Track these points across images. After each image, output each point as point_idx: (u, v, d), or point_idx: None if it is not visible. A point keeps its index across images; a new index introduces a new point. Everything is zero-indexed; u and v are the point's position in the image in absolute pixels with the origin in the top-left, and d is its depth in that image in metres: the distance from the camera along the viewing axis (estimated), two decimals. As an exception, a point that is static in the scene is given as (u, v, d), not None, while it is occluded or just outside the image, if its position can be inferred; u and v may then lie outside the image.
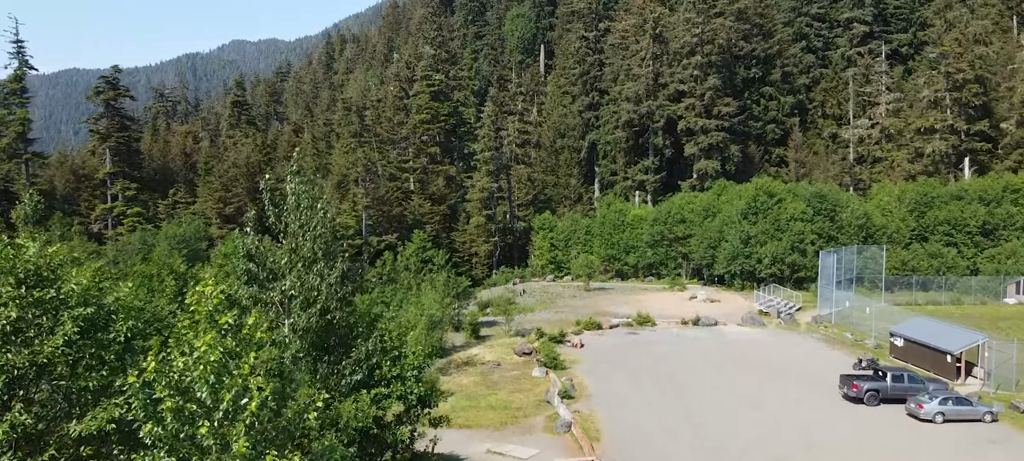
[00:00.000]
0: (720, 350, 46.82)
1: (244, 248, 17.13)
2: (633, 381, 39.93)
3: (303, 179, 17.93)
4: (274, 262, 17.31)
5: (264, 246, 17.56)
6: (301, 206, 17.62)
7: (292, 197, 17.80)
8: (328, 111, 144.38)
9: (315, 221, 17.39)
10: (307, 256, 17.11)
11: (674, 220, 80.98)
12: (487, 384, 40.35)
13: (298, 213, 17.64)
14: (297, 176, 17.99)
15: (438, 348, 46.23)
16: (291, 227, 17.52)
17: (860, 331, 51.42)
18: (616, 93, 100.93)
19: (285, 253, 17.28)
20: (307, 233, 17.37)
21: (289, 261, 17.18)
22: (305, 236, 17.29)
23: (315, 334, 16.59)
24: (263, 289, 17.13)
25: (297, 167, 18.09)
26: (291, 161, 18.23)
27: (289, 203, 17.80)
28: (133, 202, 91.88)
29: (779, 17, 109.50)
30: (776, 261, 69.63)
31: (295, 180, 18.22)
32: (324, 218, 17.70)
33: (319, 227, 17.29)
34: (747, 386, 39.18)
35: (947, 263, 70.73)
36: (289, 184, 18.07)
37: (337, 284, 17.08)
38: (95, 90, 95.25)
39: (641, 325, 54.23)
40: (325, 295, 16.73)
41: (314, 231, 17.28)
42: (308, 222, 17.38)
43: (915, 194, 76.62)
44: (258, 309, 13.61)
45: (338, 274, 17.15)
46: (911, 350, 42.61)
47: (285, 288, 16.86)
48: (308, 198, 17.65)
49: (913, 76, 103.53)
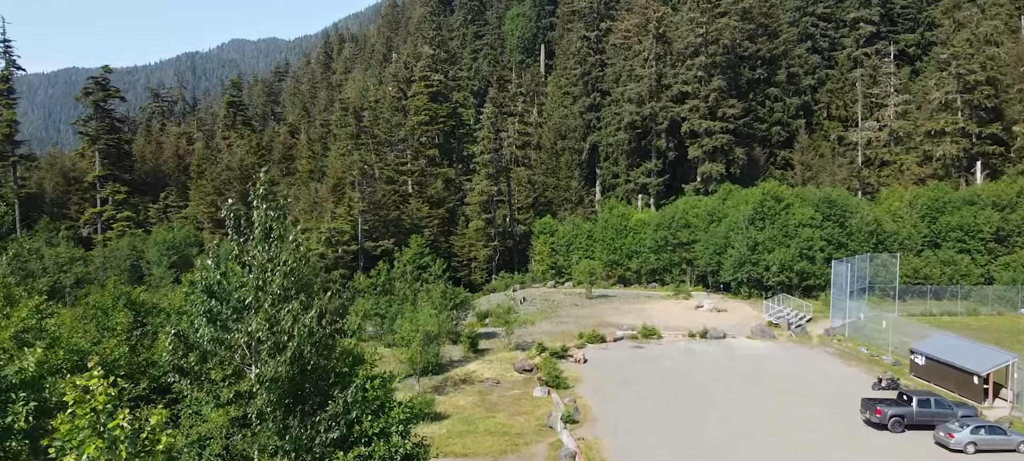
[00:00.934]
0: (731, 366, 44.59)
1: (204, 282, 14.89)
2: (640, 402, 37.73)
3: (272, 204, 15.66)
4: (240, 299, 15.06)
5: (229, 279, 15.24)
6: (270, 236, 15.42)
7: (259, 226, 15.59)
8: (326, 112, 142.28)
9: (286, 253, 15.10)
10: (277, 293, 14.89)
11: (678, 225, 78.81)
12: (486, 405, 38.15)
13: (267, 244, 15.48)
14: (265, 200, 15.73)
15: (434, 363, 44.05)
16: (259, 260, 15.27)
17: (875, 345, 49.22)
18: (618, 94, 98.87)
19: (251, 290, 14.98)
20: (277, 267, 15.30)
21: (256, 299, 14.94)
22: (275, 270, 15.11)
23: (286, 383, 14.37)
24: (226, 330, 14.89)
25: (264, 189, 15.81)
26: (257, 183, 15.91)
27: (256, 233, 15.58)
28: (123, 206, 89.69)
29: (784, 17, 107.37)
30: (784, 269, 67.47)
31: (263, 205, 16.00)
32: (297, 249, 15.36)
33: (292, 260, 15.01)
34: (761, 408, 36.97)
35: (960, 271, 68.56)
36: (256, 210, 15.83)
37: (313, 325, 14.82)
38: (84, 91, 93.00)
39: (647, 338, 52.03)
40: (298, 339, 14.49)
41: (286, 265, 15.05)
42: (278, 254, 15.13)
43: (927, 199, 74.42)
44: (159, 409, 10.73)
45: (314, 314, 14.88)
46: (933, 369, 40.43)
47: (252, 330, 14.60)
48: (279, 226, 15.37)
49: (921, 77, 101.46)
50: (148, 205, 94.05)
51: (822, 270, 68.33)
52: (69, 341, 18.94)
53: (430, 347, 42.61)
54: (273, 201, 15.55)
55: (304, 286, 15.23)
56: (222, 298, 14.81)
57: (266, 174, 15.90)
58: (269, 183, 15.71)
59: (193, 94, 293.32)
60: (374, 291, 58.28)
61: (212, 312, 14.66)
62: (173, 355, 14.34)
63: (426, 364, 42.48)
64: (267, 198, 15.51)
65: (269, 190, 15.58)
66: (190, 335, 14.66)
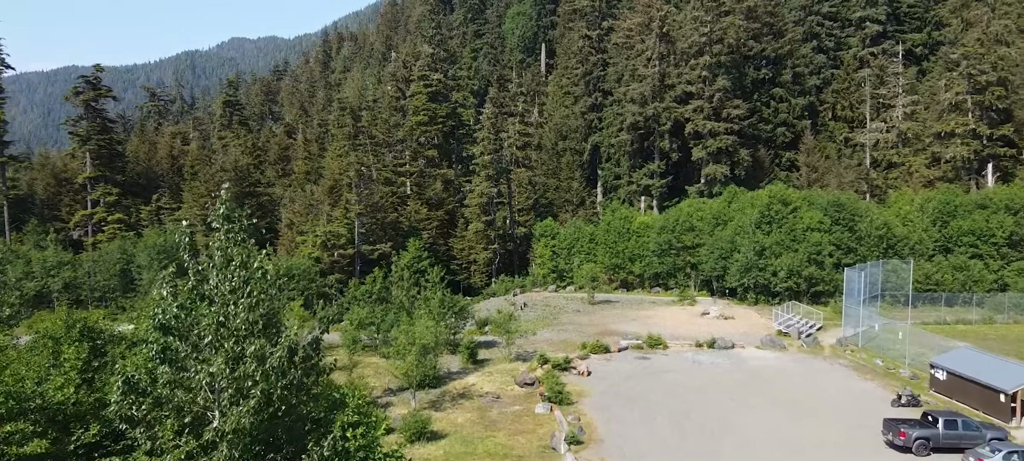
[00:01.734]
0: (742, 380, 42.65)
1: (159, 315, 12.81)
2: (648, 421, 35.78)
3: (235, 226, 13.61)
4: (199, 334, 12.99)
5: (187, 312, 13.12)
6: (232, 263, 13.46)
7: (220, 252, 13.58)
8: (324, 111, 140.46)
9: (252, 283, 13.05)
10: (241, 331, 12.87)
11: (682, 228, 76.89)
12: (485, 422, 36.22)
13: (228, 273, 13.69)
14: (227, 222, 13.72)
15: (432, 376, 42.14)
16: (219, 291, 13.26)
17: (891, 357, 47.30)
18: (620, 94, 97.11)
19: (211, 328, 12.92)
20: (241, 300, 13.19)
21: (215, 338, 12.96)
22: (238, 304, 13.16)
23: (252, 435, 12.34)
24: (183, 371, 12.87)
25: (225, 209, 13.80)
26: (217, 203, 13.83)
27: (216, 260, 13.56)
28: (115, 208, 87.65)
29: (789, 16, 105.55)
30: (792, 274, 65.57)
31: (224, 227, 13.75)
32: (264, 279, 13.27)
33: (258, 290, 12.96)
34: (777, 428, 34.98)
35: (973, 277, 66.66)
36: (217, 233, 13.77)
37: (284, 364, 12.80)
38: (74, 91, 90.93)
39: (652, 348, 50.11)
40: (264, 384, 12.47)
41: (250, 296, 13.08)
42: (242, 286, 13.12)
43: (938, 203, 72.50)
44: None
45: (284, 351, 12.84)
46: (956, 385, 38.52)
47: (213, 372, 12.56)
48: (242, 252, 13.31)
49: (928, 77, 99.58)
50: (140, 207, 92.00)
51: (831, 276, 66.52)
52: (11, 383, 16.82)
53: (427, 359, 40.72)
54: (236, 222, 13.53)
55: (272, 319, 13.22)
56: (181, 334, 12.86)
57: (227, 191, 13.85)
58: (231, 201, 13.68)
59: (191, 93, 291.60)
60: (369, 298, 56.35)
61: (167, 352, 12.69)
62: (120, 406, 12.36)
63: (423, 377, 40.59)
64: (229, 218, 13.51)
65: (232, 209, 13.60)
66: (141, 380, 12.66)
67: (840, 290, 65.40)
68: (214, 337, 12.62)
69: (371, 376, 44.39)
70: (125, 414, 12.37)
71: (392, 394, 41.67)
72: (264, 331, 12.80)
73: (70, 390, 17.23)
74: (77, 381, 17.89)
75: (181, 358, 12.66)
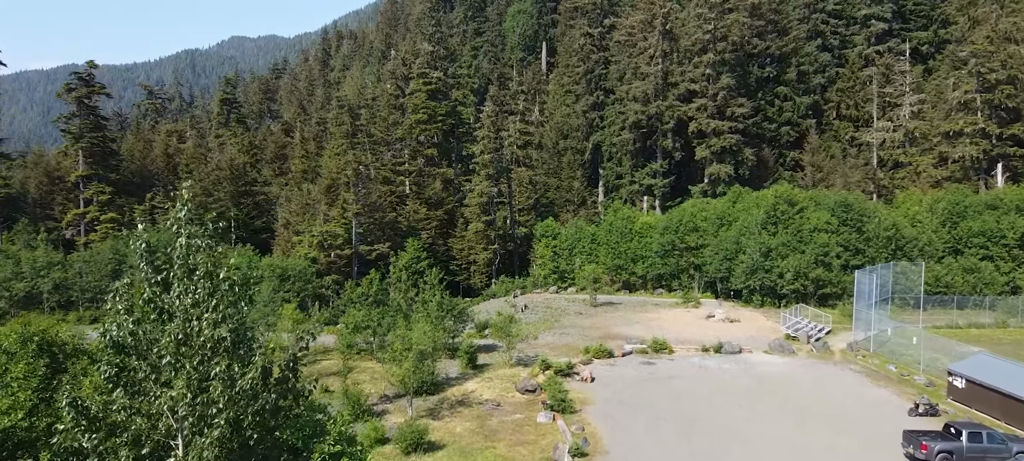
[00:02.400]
0: (751, 387, 41.13)
1: (112, 332, 11.21)
2: (655, 430, 34.26)
3: (199, 230, 12.04)
4: (159, 354, 11.41)
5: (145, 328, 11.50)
6: (196, 274, 12.18)
7: (180, 260, 12.01)
8: (322, 110, 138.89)
9: (219, 296, 11.47)
10: (205, 350, 11.29)
11: (686, 229, 75.38)
12: (485, 432, 34.69)
13: (191, 284, 12.13)
14: (190, 226, 12.29)
15: (430, 382, 40.63)
16: (180, 304, 11.69)
17: (904, 363, 45.79)
18: (622, 93, 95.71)
19: (170, 346, 11.31)
20: (205, 314, 11.66)
21: (175, 358, 11.49)
22: (202, 319, 11.67)
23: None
24: (141, 395, 11.33)
25: (187, 211, 12.33)
26: (177, 205, 12.22)
27: (176, 269, 11.98)
28: (108, 207, 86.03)
29: (793, 13, 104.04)
30: (799, 276, 64.08)
31: (186, 231, 12.15)
32: (231, 290, 11.67)
33: (225, 304, 11.37)
34: (790, 439, 33.46)
35: (984, 279, 65.20)
36: (179, 239, 12.20)
37: (256, 386, 11.22)
38: (66, 87, 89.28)
39: (657, 352, 48.60)
40: (231, 412, 10.90)
41: (217, 311, 11.76)
42: (206, 298, 11.55)
43: (947, 203, 71.00)
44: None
45: (257, 372, 11.25)
46: (975, 393, 37.03)
47: (174, 396, 11.02)
48: (207, 260, 11.72)
49: (934, 76, 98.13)
50: (134, 206, 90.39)
51: (839, 278, 65.09)
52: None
53: (424, 365, 39.22)
54: (200, 226, 12.00)
55: (242, 336, 11.68)
56: (140, 353, 11.32)
57: (189, 190, 12.31)
58: (192, 200, 12.14)
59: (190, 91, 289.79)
60: (365, 301, 54.82)
61: (121, 374, 11.15)
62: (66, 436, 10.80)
63: (420, 383, 39.10)
64: (192, 222, 11.97)
65: (195, 211, 12.08)
66: (93, 406, 11.09)
67: (848, 292, 63.96)
68: (173, 357, 11.10)
69: (367, 382, 42.89)
70: (72, 446, 10.88)
71: (388, 401, 40.18)
72: (233, 349, 11.30)
73: (19, 415, 15.48)
74: (31, 403, 16.22)
75: (139, 380, 11.16)
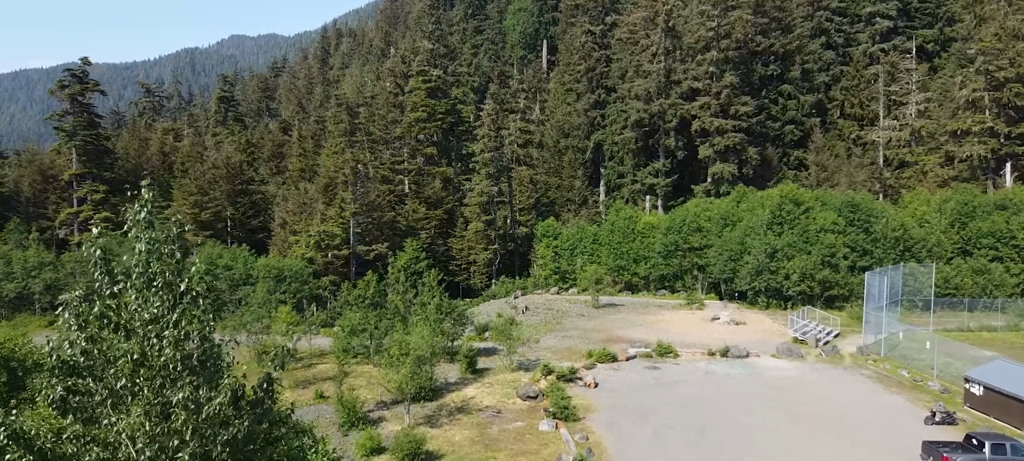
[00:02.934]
0: (760, 394, 39.79)
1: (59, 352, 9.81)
2: (662, 441, 32.91)
3: (160, 235, 10.63)
4: (116, 375, 9.99)
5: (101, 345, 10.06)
6: (155, 284, 10.59)
7: (139, 269, 10.77)
8: (321, 108, 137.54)
9: (182, 310, 10.06)
10: (166, 372, 9.90)
11: (689, 229, 74.07)
12: (485, 441, 33.38)
13: (149, 295, 10.40)
14: (149, 229, 10.83)
15: (428, 387, 39.33)
16: (139, 318, 10.43)
17: (917, 367, 44.48)
18: (624, 91, 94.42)
19: (126, 368, 9.91)
20: (166, 331, 10.05)
21: (131, 381, 10.41)
22: (162, 336, 10.42)
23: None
24: (93, 423, 9.93)
25: (147, 213, 11.08)
26: (135, 206, 10.78)
27: (134, 279, 10.61)
28: (101, 206, 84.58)
29: (797, 11, 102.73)
30: (805, 277, 62.76)
31: (145, 235, 10.67)
32: (195, 303, 10.23)
33: (188, 319, 9.96)
34: (804, 450, 32.08)
35: (994, 281, 63.85)
36: (136, 244, 10.83)
37: (225, 411, 9.79)
38: (59, 84, 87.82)
39: (662, 356, 47.30)
40: (196, 444, 9.50)
41: (179, 328, 10.25)
42: (167, 313, 10.17)
43: (956, 203, 69.68)
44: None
45: (226, 398, 9.82)
46: (993, 401, 35.72)
47: (132, 423, 9.62)
48: (169, 267, 10.30)
49: (940, 74, 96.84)
50: (128, 205, 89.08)
51: (846, 279, 63.81)
52: None
53: (422, 370, 37.91)
54: (161, 230, 10.66)
55: (211, 356, 10.30)
56: (95, 375, 9.95)
57: (149, 190, 10.93)
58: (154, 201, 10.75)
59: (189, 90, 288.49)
60: (362, 303, 53.49)
61: (69, 400, 9.77)
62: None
63: (418, 389, 37.81)
64: (152, 225, 10.60)
65: (156, 212, 10.74)
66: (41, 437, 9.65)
67: (855, 294, 62.68)
68: (129, 380, 9.74)
69: (363, 387, 41.59)
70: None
71: (385, 407, 38.87)
72: (200, 371, 9.95)
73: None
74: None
75: (95, 404, 9.83)
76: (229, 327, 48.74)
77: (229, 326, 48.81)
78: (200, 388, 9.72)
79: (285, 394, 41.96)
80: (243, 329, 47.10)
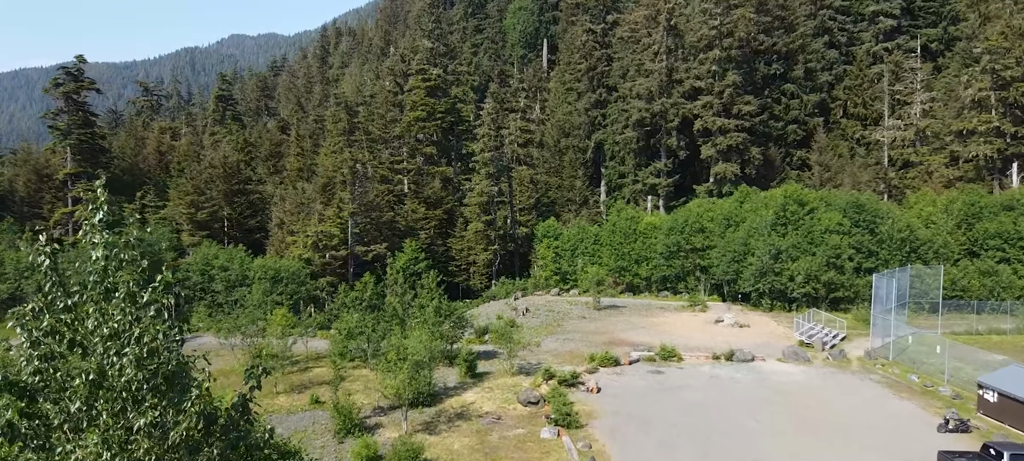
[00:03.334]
0: (766, 400, 38.79)
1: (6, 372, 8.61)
2: (668, 450, 31.89)
3: (117, 239, 9.47)
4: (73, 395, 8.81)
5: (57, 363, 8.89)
6: (114, 295, 9.07)
7: (95, 277, 9.93)
8: (320, 107, 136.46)
9: (144, 324, 8.92)
10: (130, 393, 8.78)
11: (692, 229, 73.08)
12: (485, 449, 32.37)
13: (108, 309, 9.00)
14: (105, 232, 9.39)
15: (426, 392, 38.36)
16: (98, 334, 9.21)
17: (927, 372, 43.48)
18: (626, 90, 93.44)
19: (82, 390, 8.76)
20: (126, 348, 8.79)
21: (87, 404, 8.77)
22: (122, 354, 8.80)
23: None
24: (48, 451, 8.83)
25: (103, 215, 9.39)
26: (90, 205, 9.60)
27: (89, 290, 9.71)
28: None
29: (800, 10, 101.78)
30: (810, 279, 61.80)
31: (103, 241, 9.32)
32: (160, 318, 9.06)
33: (150, 336, 8.84)
34: (812, 456, 31.19)
35: (1002, 283, 62.90)
36: (94, 251, 9.34)
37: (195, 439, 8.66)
38: (54, 82, 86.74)
39: (665, 360, 46.31)
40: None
41: (141, 344, 8.80)
42: (128, 327, 9.15)
43: (962, 204, 68.70)
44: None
45: (193, 422, 8.65)
46: (1010, 408, 34.71)
47: (90, 451, 8.54)
48: (132, 277, 9.20)
49: (944, 74, 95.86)
50: (124, 205, 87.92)
51: (851, 281, 62.88)
52: None
53: (420, 375, 36.94)
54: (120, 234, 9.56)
55: (179, 375, 9.21)
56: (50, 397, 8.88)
57: (103, 189, 9.80)
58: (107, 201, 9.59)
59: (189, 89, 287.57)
60: (359, 305, 52.48)
61: (15, 427, 8.67)
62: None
63: (416, 394, 36.83)
64: (110, 227, 9.47)
65: (115, 214, 9.65)
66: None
67: (861, 296, 61.76)
68: (85, 403, 8.68)
69: (360, 392, 40.59)
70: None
71: (382, 413, 37.88)
72: (166, 392, 8.89)
73: None
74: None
75: (52, 429, 8.77)
76: (224, 329, 47.82)
77: (224, 328, 47.89)
78: (166, 411, 8.70)
79: (280, 399, 41.04)
80: (238, 332, 46.11)
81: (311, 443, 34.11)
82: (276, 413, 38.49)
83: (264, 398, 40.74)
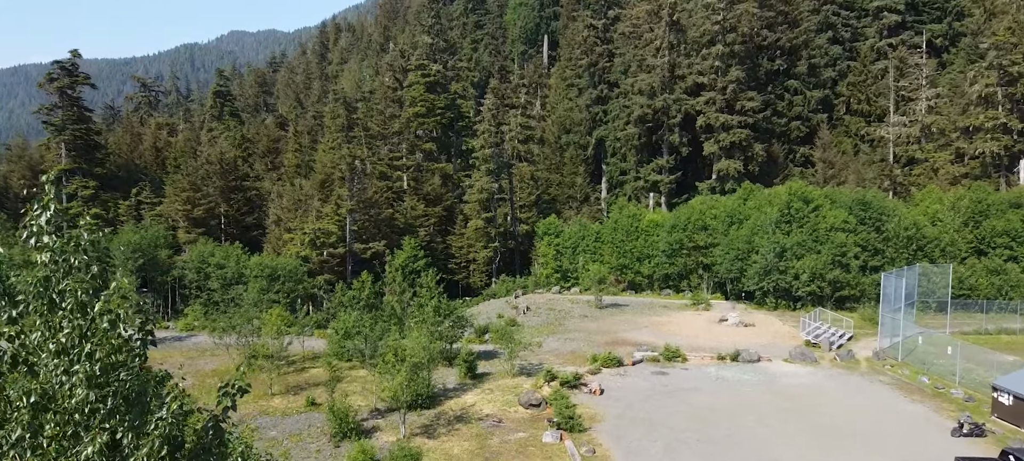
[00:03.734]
0: (774, 402, 37.78)
1: None
2: (674, 455, 30.86)
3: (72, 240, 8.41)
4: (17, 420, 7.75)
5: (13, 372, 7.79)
6: (67, 301, 7.90)
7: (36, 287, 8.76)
8: (318, 103, 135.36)
9: (96, 339, 7.82)
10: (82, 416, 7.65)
11: (695, 227, 72.03)
12: (485, 454, 31.36)
13: (56, 322, 7.83)
14: (57, 231, 8.37)
15: (425, 394, 37.34)
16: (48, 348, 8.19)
17: (937, 373, 42.48)
18: (627, 86, 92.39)
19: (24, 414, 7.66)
20: (76, 366, 7.68)
21: (30, 431, 7.86)
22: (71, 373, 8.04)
23: None
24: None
25: (51, 215, 8.40)
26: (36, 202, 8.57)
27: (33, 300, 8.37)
28: (91, 202, 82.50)
29: (804, 5, 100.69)
30: (815, 277, 60.80)
31: (52, 245, 8.23)
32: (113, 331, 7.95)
33: (105, 350, 7.72)
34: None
35: (1010, 281, 61.89)
36: (40, 255, 8.13)
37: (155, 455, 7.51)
38: (48, 77, 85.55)
39: (670, 361, 45.29)
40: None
41: (93, 361, 7.65)
42: (78, 343, 7.98)
43: (969, 201, 67.67)
44: None
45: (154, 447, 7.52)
46: None
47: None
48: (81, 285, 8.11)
49: (949, 70, 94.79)
50: (119, 201, 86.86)
51: (857, 279, 61.90)
52: None
53: (419, 377, 35.93)
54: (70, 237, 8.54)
55: (140, 394, 8.11)
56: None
57: (51, 185, 8.75)
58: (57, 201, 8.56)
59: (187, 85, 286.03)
60: (357, 304, 51.45)
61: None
62: None
63: (415, 396, 35.78)
64: (59, 230, 8.44)
65: (63, 215, 8.63)
66: None
67: (867, 295, 60.79)
68: (27, 430, 7.58)
69: (356, 393, 39.56)
70: None
71: (380, 415, 36.87)
72: (125, 413, 7.82)
73: None
74: None
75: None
76: (218, 328, 46.80)
77: (218, 327, 46.86)
78: (125, 436, 7.65)
79: (275, 401, 40.03)
80: (233, 331, 45.09)
81: (306, 447, 33.12)
82: (271, 415, 37.49)
83: (259, 399, 39.74)
